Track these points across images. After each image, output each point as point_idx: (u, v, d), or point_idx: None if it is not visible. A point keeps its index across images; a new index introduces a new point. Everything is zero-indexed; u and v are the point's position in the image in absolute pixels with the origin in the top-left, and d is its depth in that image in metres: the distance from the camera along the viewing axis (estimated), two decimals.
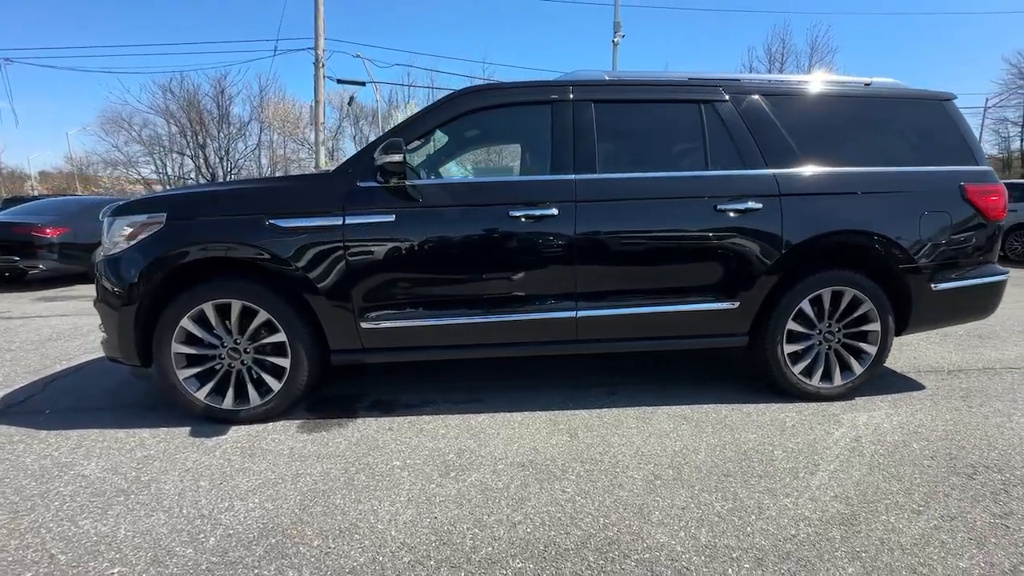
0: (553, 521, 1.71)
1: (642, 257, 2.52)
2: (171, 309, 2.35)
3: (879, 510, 1.77)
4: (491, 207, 2.43)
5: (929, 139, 2.76)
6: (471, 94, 2.54)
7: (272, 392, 2.46)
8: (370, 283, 2.40)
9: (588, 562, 1.52)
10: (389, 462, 2.11)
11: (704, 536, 1.63)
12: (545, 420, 2.51)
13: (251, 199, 2.41)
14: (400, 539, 1.63)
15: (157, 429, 2.43)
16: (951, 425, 2.43)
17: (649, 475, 2.00)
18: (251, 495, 1.88)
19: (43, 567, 1.51)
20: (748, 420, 2.50)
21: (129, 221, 2.39)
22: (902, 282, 2.64)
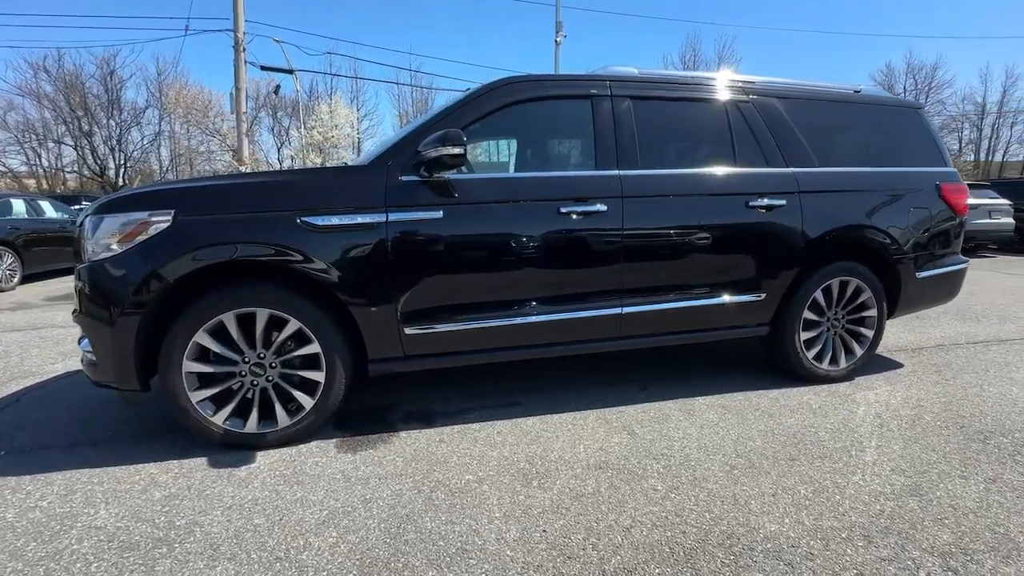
0: (662, 521, 1.69)
1: (681, 252, 2.57)
2: (183, 322, 2.02)
3: (933, 479, 1.94)
4: (540, 203, 2.35)
5: (908, 143, 3.08)
6: (513, 85, 2.43)
7: (304, 410, 2.20)
8: (416, 285, 2.22)
9: (719, 559, 1.51)
10: (461, 476, 1.97)
11: (807, 520, 1.70)
12: (595, 419, 2.49)
13: (279, 194, 2.12)
14: (520, 558, 1.52)
15: (164, 463, 2.08)
16: (943, 397, 2.74)
17: (724, 465, 2.05)
18: (324, 529, 1.66)
19: None
20: (779, 405, 2.64)
21: (123, 220, 2.01)
22: (894, 271, 2.93)
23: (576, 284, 2.44)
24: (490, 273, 2.32)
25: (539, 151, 2.75)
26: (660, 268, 2.54)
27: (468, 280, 2.30)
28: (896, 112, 3.10)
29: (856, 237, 2.82)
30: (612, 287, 2.48)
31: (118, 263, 1.98)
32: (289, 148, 28.07)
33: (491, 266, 2.31)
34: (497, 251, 2.30)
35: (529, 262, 2.35)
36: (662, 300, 2.57)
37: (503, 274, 2.34)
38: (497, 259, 2.31)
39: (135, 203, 2.04)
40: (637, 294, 2.53)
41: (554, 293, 2.42)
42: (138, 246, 1.98)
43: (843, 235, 2.78)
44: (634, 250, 2.46)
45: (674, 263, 2.56)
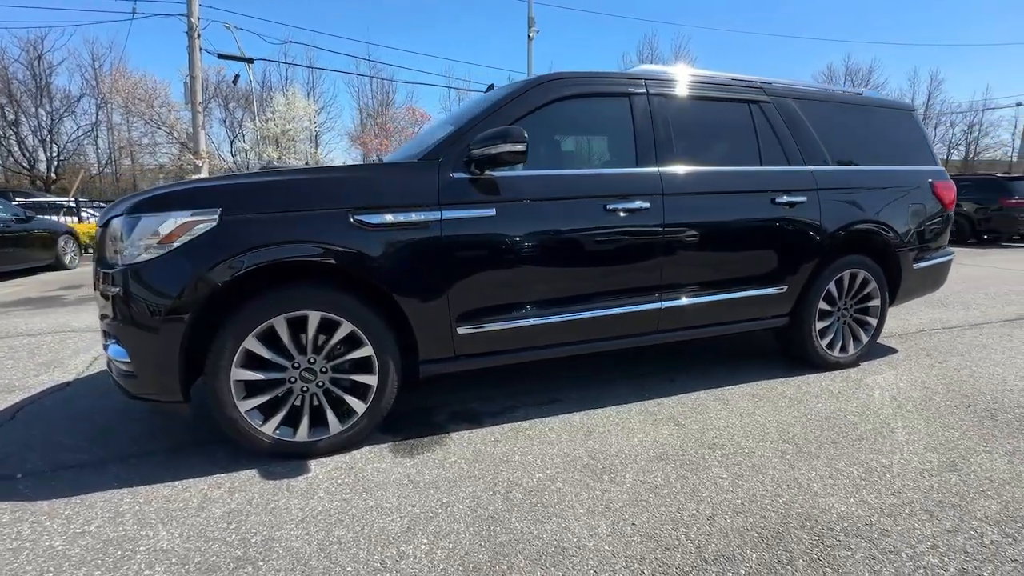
0: (740, 508, 1.75)
1: (715, 248, 2.65)
2: (232, 327, 1.90)
3: (963, 454, 2.11)
4: (587, 200, 2.36)
5: (903, 142, 3.31)
6: (559, 81, 2.42)
7: (356, 415, 2.12)
8: (469, 284, 2.18)
9: (806, 540, 1.59)
10: (531, 475, 1.96)
11: (870, 498, 1.81)
12: (637, 412, 2.54)
13: (331, 191, 2.02)
14: (620, 552, 1.54)
15: (211, 477, 1.96)
16: (943, 380, 2.97)
17: (776, 451, 2.14)
18: (413, 536, 1.62)
19: None
20: (802, 392, 2.79)
21: (163, 220, 1.86)
22: (896, 263, 3.14)
23: (621, 280, 2.47)
24: (540, 271, 2.31)
25: (581, 148, 2.76)
26: (695, 263, 2.62)
27: (519, 278, 2.28)
28: (893, 113, 3.32)
29: (865, 232, 3.01)
30: (653, 283, 2.53)
31: (161, 266, 1.84)
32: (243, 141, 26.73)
33: (541, 264, 2.31)
34: (547, 249, 2.30)
35: (577, 259, 2.37)
36: (696, 295, 2.65)
37: (552, 272, 2.34)
38: (547, 257, 2.31)
39: (176, 202, 1.89)
40: (674, 289, 2.59)
41: (600, 290, 2.44)
42: (182, 248, 1.85)
43: (854, 230, 2.95)
44: (673, 246, 2.52)
45: (708, 259, 2.65)
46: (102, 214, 2.14)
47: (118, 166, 26.85)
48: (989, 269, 7.62)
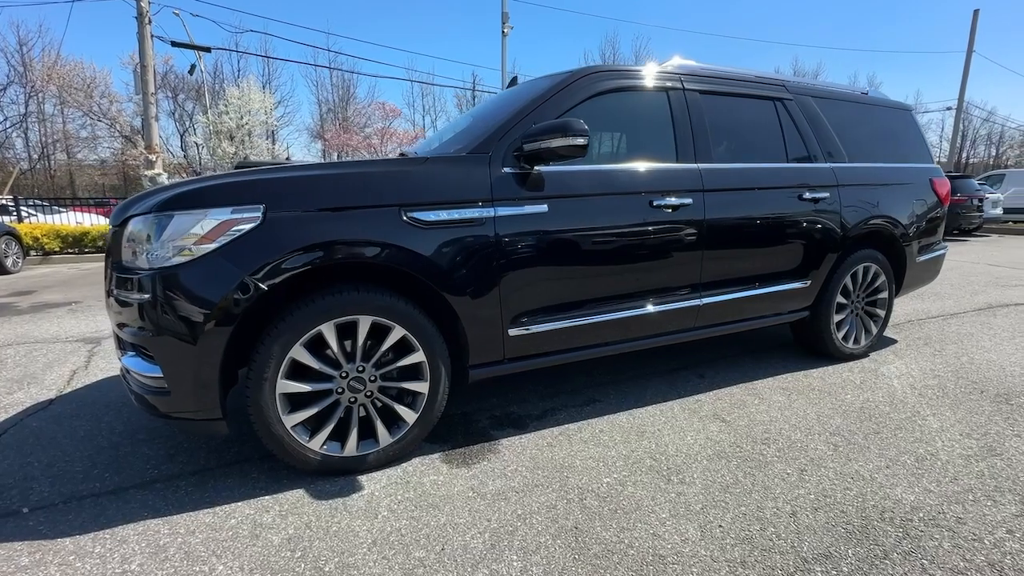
0: (816, 504, 1.76)
1: (750, 243, 2.67)
2: (277, 335, 1.73)
3: (996, 438, 2.21)
4: (634, 195, 2.32)
5: (904, 140, 3.45)
6: (602, 74, 2.36)
7: (406, 425, 2.00)
8: (522, 283, 2.09)
9: (892, 532, 1.60)
10: (599, 480, 1.90)
11: (932, 486, 1.85)
12: (679, 409, 2.52)
13: (382, 185, 1.88)
14: (720, 556, 1.50)
15: (254, 500, 1.78)
16: (949, 367, 3.12)
17: (828, 444, 2.17)
18: (501, 553, 1.52)
19: None
20: (828, 383, 2.86)
21: (200, 218, 1.67)
22: (902, 256, 3.28)
23: (665, 277, 2.45)
24: (589, 269, 2.25)
25: (621, 142, 2.70)
26: (732, 259, 2.63)
27: (569, 276, 2.21)
28: (895, 112, 3.45)
29: (878, 227, 3.11)
30: (694, 280, 2.52)
31: (199, 269, 1.65)
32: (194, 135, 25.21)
33: (590, 261, 2.24)
34: (596, 246, 2.23)
35: (624, 256, 2.32)
36: (732, 290, 2.66)
37: (600, 269, 2.28)
38: (596, 254, 2.25)
39: (214, 198, 1.70)
40: (712, 286, 2.60)
41: (645, 287, 2.41)
42: (222, 249, 1.66)
43: (869, 225, 3.05)
44: (712, 242, 2.52)
45: (743, 254, 2.66)
46: (116, 212, 1.90)
47: (52, 161, 24.75)
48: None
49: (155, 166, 11.98)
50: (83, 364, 3.32)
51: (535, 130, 2.00)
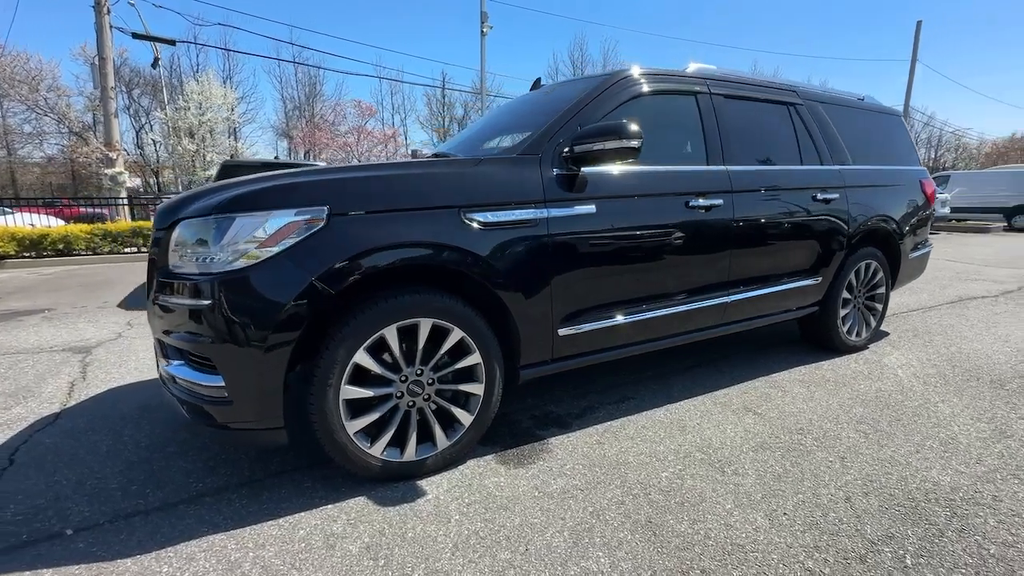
0: (867, 488, 1.85)
1: (771, 242, 2.78)
2: (342, 339, 1.69)
3: (1004, 421, 2.38)
4: (672, 196, 2.38)
5: (896, 144, 3.66)
6: (638, 77, 2.41)
7: (462, 428, 1.98)
8: (572, 283, 2.11)
9: (942, 512, 1.71)
10: (658, 475, 1.94)
11: (962, 468, 1.98)
12: (711, 403, 2.60)
13: (442, 186, 1.86)
14: (794, 542, 1.57)
15: (317, 510, 1.74)
16: (942, 356, 3.34)
17: (858, 432, 2.29)
18: (586, 550, 1.54)
19: None
20: (839, 375, 3.01)
21: (264, 219, 1.61)
22: (897, 254, 3.48)
23: (700, 276, 2.52)
24: (633, 268, 2.29)
25: (656, 145, 2.75)
26: (756, 257, 2.73)
27: (616, 276, 2.25)
28: (888, 118, 3.66)
29: (878, 226, 3.30)
30: (723, 278, 2.61)
31: (265, 273, 1.59)
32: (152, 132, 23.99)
33: (635, 261, 2.28)
34: (639, 246, 2.28)
35: (663, 256, 2.37)
36: (755, 288, 2.77)
37: (643, 269, 2.33)
38: (640, 253, 2.29)
39: (278, 198, 1.65)
40: (739, 283, 2.69)
41: (682, 286, 2.47)
42: (287, 251, 1.61)
43: (873, 224, 3.23)
44: (740, 242, 2.61)
45: (765, 252, 2.77)
46: (161, 214, 1.81)
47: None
48: None
49: (115, 164, 11.36)
50: (79, 375, 3.13)
51: (587, 132, 2.02)
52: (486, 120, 3.17)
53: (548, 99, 2.56)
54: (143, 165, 23.83)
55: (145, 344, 3.76)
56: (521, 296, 2.00)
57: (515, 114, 2.78)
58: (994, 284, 6.03)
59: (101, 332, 4.12)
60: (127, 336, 4.01)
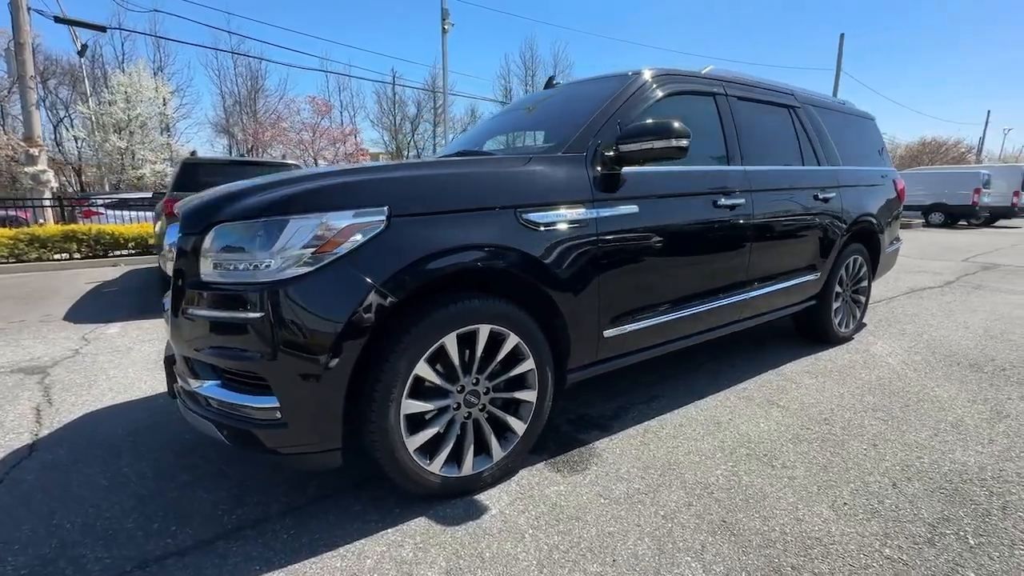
0: (905, 474, 1.94)
1: (782, 239, 2.88)
2: (403, 350, 1.57)
3: (997, 402, 2.59)
4: (702, 195, 2.40)
5: (871, 145, 3.91)
6: (667, 77, 2.41)
7: (515, 437, 1.91)
8: (619, 283, 2.08)
9: (979, 493, 1.82)
10: (712, 472, 1.95)
11: (979, 448, 2.13)
12: (736, 398, 2.66)
13: (499, 186, 1.76)
14: (864, 531, 1.61)
15: (377, 536, 1.60)
16: (921, 344, 3.59)
17: (877, 419, 2.40)
18: (676, 556, 1.51)
19: None
20: (838, 365, 3.16)
21: (321, 222, 1.46)
22: (878, 248, 3.72)
23: (725, 274, 2.57)
24: (672, 267, 2.30)
25: None
26: (770, 255, 2.82)
27: (657, 275, 2.24)
28: (864, 121, 3.90)
29: (864, 223, 3.50)
30: (743, 275, 2.67)
31: (326, 280, 1.45)
32: (72, 127, 21.81)
33: (673, 260, 2.29)
34: (676, 244, 2.29)
35: (697, 254, 2.40)
36: (768, 284, 2.86)
37: (681, 267, 2.34)
38: (678, 252, 2.30)
39: (334, 198, 1.50)
40: (756, 280, 2.77)
41: (711, 284, 2.51)
42: (349, 256, 1.47)
43: (861, 221, 3.43)
44: (757, 239, 2.68)
45: (777, 249, 2.86)
46: (190, 216, 1.59)
47: None
48: None
49: (38, 162, 10.24)
50: (43, 400, 2.76)
51: (635, 131, 1.99)
52: (502, 118, 3.09)
53: (574, 97, 2.52)
54: (62, 163, 21.62)
55: (113, 361, 3.39)
56: (572, 298, 1.95)
57: (539, 112, 2.72)
58: (936, 276, 6.60)
59: (53, 349, 3.68)
60: (87, 353, 3.59)
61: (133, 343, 3.83)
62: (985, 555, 1.51)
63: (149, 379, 3.05)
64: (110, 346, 3.76)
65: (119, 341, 3.89)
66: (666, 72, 2.44)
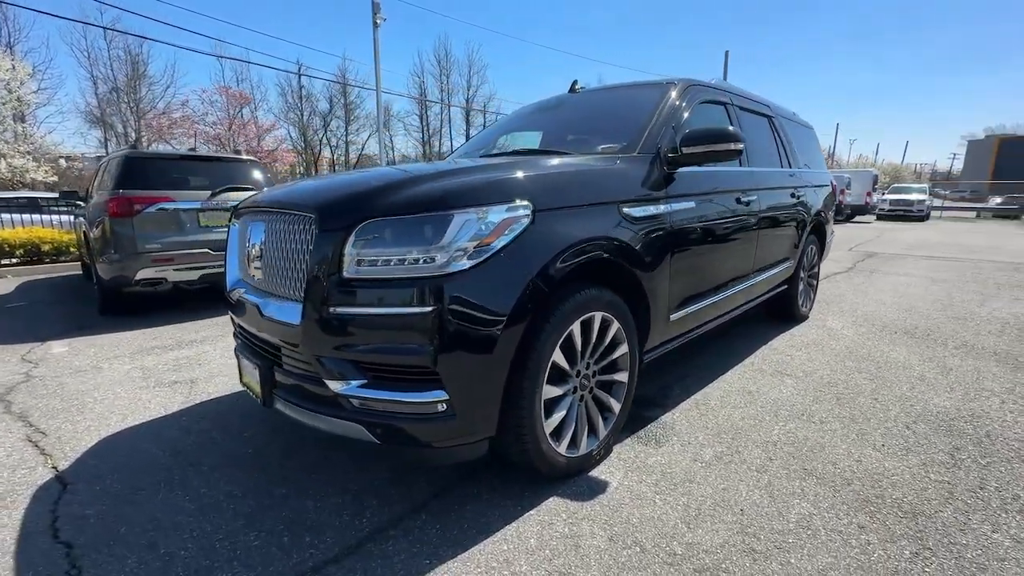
0: (909, 418, 2.39)
1: (774, 232, 3.31)
2: (546, 338, 1.65)
3: (940, 359, 3.22)
4: (732, 193, 2.72)
5: (815, 152, 4.57)
6: (698, 87, 2.69)
7: (612, 416, 2.06)
8: (683, 271, 2.31)
9: (967, 427, 2.30)
10: (771, 432, 2.25)
11: (948, 394, 2.66)
12: (752, 371, 3.02)
13: (609, 183, 1.89)
14: (908, 461, 1.98)
15: (523, 520, 1.67)
16: (863, 320, 4.29)
17: (867, 379, 2.89)
18: (788, 500, 1.76)
19: None
20: (812, 339, 3.70)
21: (482, 216, 1.49)
22: (824, 238, 4.38)
23: (744, 261, 2.91)
24: (715, 256, 2.58)
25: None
26: (768, 244, 3.23)
27: (705, 263, 2.50)
28: (806, 129, 4.55)
29: (820, 217, 4.11)
30: (752, 264, 3.05)
31: (491, 272, 1.49)
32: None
33: (716, 249, 2.58)
34: (717, 236, 2.57)
35: (729, 244, 2.71)
36: (766, 270, 3.28)
37: (720, 256, 2.64)
38: (719, 243, 2.59)
39: (490, 193, 1.54)
40: (758, 268, 3.16)
41: (737, 271, 2.85)
42: (505, 249, 1.52)
43: (816, 216, 4.02)
44: (762, 232, 3.08)
45: (773, 240, 3.29)
46: (328, 213, 1.52)
47: None
48: None
49: None
50: (30, 429, 2.38)
51: (698, 135, 2.22)
52: (532, 117, 3.19)
53: (620, 102, 2.72)
54: None
55: (87, 382, 2.97)
56: (655, 285, 2.14)
57: (582, 113, 2.87)
58: (837, 263, 7.76)
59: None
60: (43, 376, 3.10)
61: (98, 362, 3.36)
62: (996, 470, 1.95)
63: (152, 399, 2.73)
64: (69, 367, 3.27)
65: (77, 361, 3.39)
66: (693, 83, 2.72)
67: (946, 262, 7.84)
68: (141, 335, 4.00)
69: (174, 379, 3.03)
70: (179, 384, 2.95)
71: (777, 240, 3.40)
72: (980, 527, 1.63)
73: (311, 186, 1.83)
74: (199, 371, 3.17)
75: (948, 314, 4.41)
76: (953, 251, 9.34)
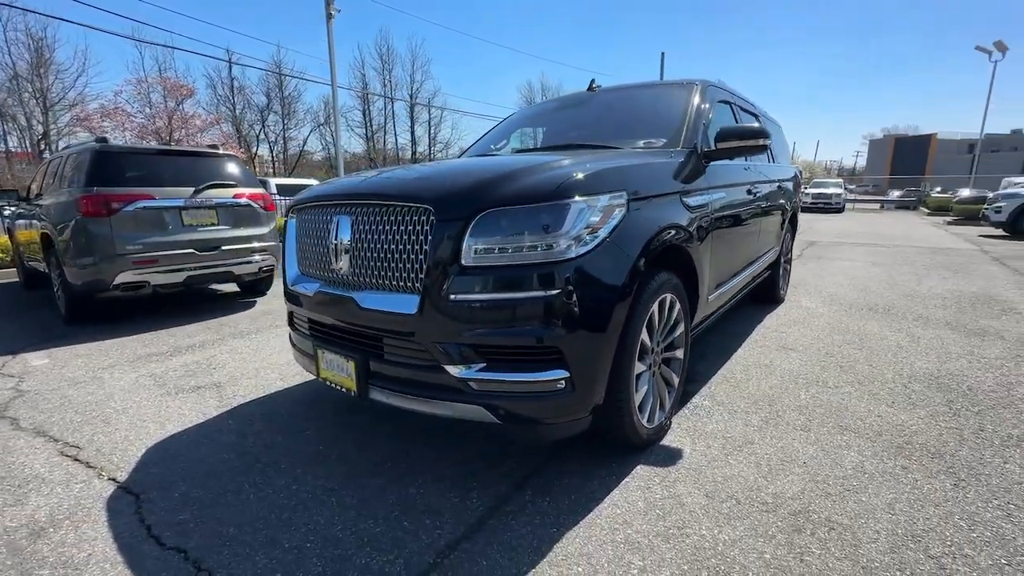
0: (904, 378, 2.75)
1: (768, 219, 3.64)
2: (638, 318, 1.78)
3: (907, 331, 3.68)
4: (745, 185, 2.97)
5: (784, 147, 5.02)
6: (715, 88, 2.92)
7: (673, 390, 2.23)
8: (720, 256, 2.53)
9: (954, 385, 2.68)
10: (798, 398, 2.52)
11: (924, 358, 3.07)
12: (758, 347, 3.32)
13: (672, 174, 2.05)
14: (919, 413, 2.31)
15: (620, 488, 1.80)
16: (824, 298, 4.77)
17: (857, 349, 3.27)
18: (838, 453, 2.00)
19: None
20: (796, 317, 4.09)
21: (594, 204, 1.61)
22: (795, 226, 4.83)
23: (754, 249, 3.20)
24: (738, 242, 2.83)
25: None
26: (765, 233, 3.55)
27: (731, 248, 2.75)
28: (779, 127, 4.98)
29: (794, 207, 4.53)
30: (757, 251, 3.35)
31: (604, 256, 1.60)
32: None
33: (739, 236, 2.83)
34: (742, 224, 2.83)
35: (748, 230, 2.98)
36: (761, 257, 3.60)
37: (743, 242, 2.90)
38: (741, 229, 2.84)
39: (598, 183, 1.65)
40: (759, 254, 3.47)
41: (752, 255, 3.12)
42: (612, 234, 1.64)
43: (793, 206, 4.44)
44: (763, 221, 3.39)
45: (768, 229, 3.62)
46: (443, 204, 1.55)
47: None
48: None
49: None
50: (57, 443, 2.21)
51: (731, 132, 2.43)
52: (552, 115, 3.30)
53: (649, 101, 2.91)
54: None
55: (94, 393, 2.77)
56: (704, 270, 2.33)
57: (609, 111, 3.01)
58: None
59: None
60: (37, 390, 2.85)
61: (94, 372, 3.12)
62: (988, 415, 2.31)
63: (183, 406, 2.60)
64: (62, 379, 3.01)
65: (68, 372, 3.12)
66: (711, 84, 2.96)
67: (876, 248, 8.79)
68: (127, 342, 3.73)
69: (195, 384, 2.89)
70: (204, 389, 2.81)
71: (770, 228, 3.74)
72: (993, 460, 1.95)
73: (413, 177, 1.85)
74: (218, 375, 3.03)
75: (896, 292, 5.01)
76: (876, 239, 10.46)
